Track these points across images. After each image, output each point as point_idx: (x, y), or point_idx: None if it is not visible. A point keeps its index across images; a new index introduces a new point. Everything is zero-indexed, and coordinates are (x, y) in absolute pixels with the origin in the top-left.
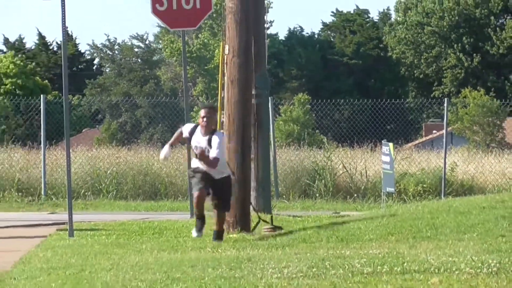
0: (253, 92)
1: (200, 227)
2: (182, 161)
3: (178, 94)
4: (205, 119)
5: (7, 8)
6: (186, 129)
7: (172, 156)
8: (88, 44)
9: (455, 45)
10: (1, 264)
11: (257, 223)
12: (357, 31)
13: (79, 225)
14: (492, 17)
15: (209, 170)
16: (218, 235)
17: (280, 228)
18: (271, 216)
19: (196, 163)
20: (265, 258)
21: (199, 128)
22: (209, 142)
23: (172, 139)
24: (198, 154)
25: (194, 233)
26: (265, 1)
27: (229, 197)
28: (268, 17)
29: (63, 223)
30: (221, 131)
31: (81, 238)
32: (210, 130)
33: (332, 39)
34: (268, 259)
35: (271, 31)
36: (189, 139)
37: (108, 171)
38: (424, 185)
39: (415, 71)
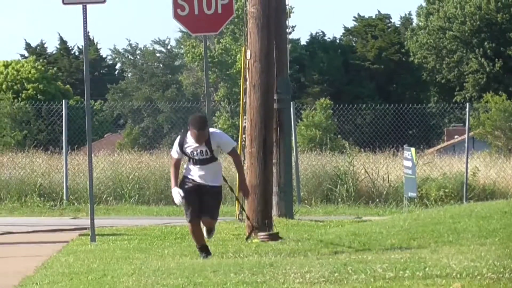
0: (275, 97)
1: (206, 253)
2: None
3: (200, 99)
4: (198, 138)
5: (29, 13)
6: (176, 152)
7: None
8: (110, 49)
9: (477, 50)
10: (23, 269)
11: (250, 232)
12: (378, 36)
13: (101, 230)
14: (510, 23)
15: (204, 178)
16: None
17: (277, 236)
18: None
19: (189, 171)
20: (287, 263)
21: (188, 136)
22: (207, 143)
23: (173, 179)
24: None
25: (203, 256)
26: (287, 6)
27: (218, 206)
28: (290, 22)
29: (85, 228)
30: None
31: (103, 243)
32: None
33: (353, 44)
34: (290, 264)
35: (293, 36)
36: (183, 152)
37: (130, 176)
38: (446, 190)
39: (436, 76)
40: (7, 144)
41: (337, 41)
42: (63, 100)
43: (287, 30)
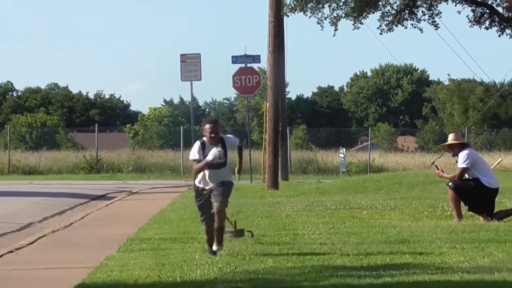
0: (280, 124)
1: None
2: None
3: (245, 125)
4: (212, 134)
5: (164, 84)
6: (198, 154)
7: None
8: (203, 102)
9: (375, 103)
10: (161, 205)
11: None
12: (328, 95)
13: None
14: (391, 89)
15: (217, 180)
16: (218, 243)
17: (242, 232)
18: (235, 221)
19: (200, 180)
20: (285, 202)
21: (206, 142)
22: (223, 147)
23: (201, 164)
24: (214, 160)
25: (211, 254)
26: (286, 81)
27: (227, 193)
28: (287, 89)
29: (191, 185)
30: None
31: None
32: (218, 139)
33: (317, 100)
34: (286, 202)
35: (288, 96)
36: (203, 156)
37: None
38: (360, 168)
39: (355, 115)
40: (154, 146)
41: (309, 98)
42: (181, 126)
43: (286, 93)
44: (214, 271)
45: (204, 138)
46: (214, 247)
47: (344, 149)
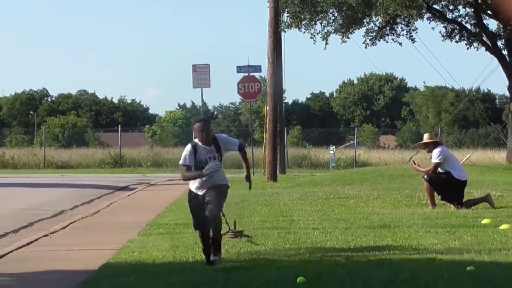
0: (278, 125)
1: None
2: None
3: (249, 126)
4: (204, 133)
5: (179, 90)
6: (189, 158)
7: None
8: (212, 106)
9: (359, 106)
10: (175, 195)
11: (226, 232)
12: (320, 100)
13: None
14: (374, 94)
15: (209, 184)
16: (215, 253)
17: (241, 234)
18: (235, 221)
19: (195, 185)
20: (283, 192)
21: (198, 144)
22: (217, 148)
23: (194, 173)
24: (210, 173)
25: (208, 264)
26: (283, 88)
27: (223, 199)
28: (284, 94)
29: None
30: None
31: None
32: (210, 138)
33: (310, 104)
34: (284, 192)
35: (285, 100)
36: (194, 159)
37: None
38: (347, 163)
39: (343, 117)
40: (169, 144)
41: (303, 102)
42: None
43: (283, 98)
44: (221, 252)
45: (196, 140)
46: (212, 257)
47: (333, 146)
